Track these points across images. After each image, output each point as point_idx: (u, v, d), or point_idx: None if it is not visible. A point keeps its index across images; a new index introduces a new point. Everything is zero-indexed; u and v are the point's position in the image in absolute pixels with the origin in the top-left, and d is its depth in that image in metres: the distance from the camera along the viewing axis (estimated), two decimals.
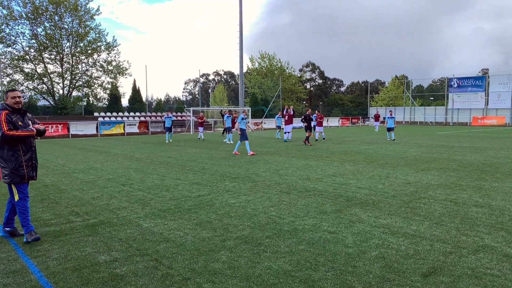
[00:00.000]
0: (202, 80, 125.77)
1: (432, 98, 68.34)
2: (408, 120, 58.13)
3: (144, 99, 44.14)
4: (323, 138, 22.72)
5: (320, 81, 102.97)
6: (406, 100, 60.44)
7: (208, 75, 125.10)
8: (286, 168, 11.40)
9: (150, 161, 13.51)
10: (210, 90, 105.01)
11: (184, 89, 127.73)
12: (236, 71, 68.31)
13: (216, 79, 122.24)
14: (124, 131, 31.66)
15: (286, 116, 22.05)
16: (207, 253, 4.52)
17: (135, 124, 32.72)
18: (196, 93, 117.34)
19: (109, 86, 42.06)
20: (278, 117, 26.45)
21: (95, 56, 40.99)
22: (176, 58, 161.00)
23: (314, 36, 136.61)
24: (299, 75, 75.71)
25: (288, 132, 22.21)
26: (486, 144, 19.45)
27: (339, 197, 7.42)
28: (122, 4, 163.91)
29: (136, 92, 43.74)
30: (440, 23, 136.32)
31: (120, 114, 38.41)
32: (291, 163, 12.42)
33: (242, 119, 15.61)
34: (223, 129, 29.49)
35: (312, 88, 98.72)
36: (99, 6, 46.10)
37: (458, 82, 53.39)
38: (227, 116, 22.24)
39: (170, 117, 23.59)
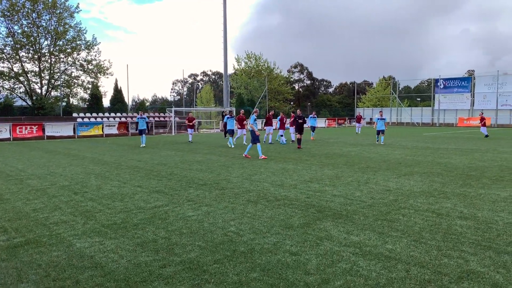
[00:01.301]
0: (190, 80, 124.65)
1: (419, 99, 68.43)
2: (395, 121, 57.99)
3: (126, 99, 42.95)
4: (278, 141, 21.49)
5: (308, 82, 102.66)
6: (393, 100, 60.31)
7: (196, 75, 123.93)
8: (260, 172, 10.64)
9: (117, 165, 12.61)
10: (198, 91, 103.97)
11: (172, 89, 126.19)
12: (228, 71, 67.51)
13: (204, 79, 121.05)
14: (103, 132, 30.55)
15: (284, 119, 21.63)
16: (137, 285, 3.70)
17: (115, 125, 31.62)
18: (184, 93, 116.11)
19: (90, 86, 40.78)
20: (311, 117, 25.11)
21: (75, 55, 39.68)
22: (165, 58, 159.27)
23: (303, 37, 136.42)
24: (286, 76, 75.09)
25: (282, 136, 21.38)
26: (472, 145, 18.99)
27: (311, 207, 6.66)
28: (112, 4, 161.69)
29: (118, 92, 42.55)
30: (428, 24, 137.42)
31: (101, 114, 37.22)
32: (267, 167, 11.66)
33: (255, 120, 14.36)
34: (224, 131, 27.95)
35: (300, 89, 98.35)
36: (78, 4, 44.67)
37: (444, 83, 53.43)
38: (227, 117, 19.80)
39: (144, 118, 20.52)
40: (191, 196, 7.67)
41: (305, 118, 19.11)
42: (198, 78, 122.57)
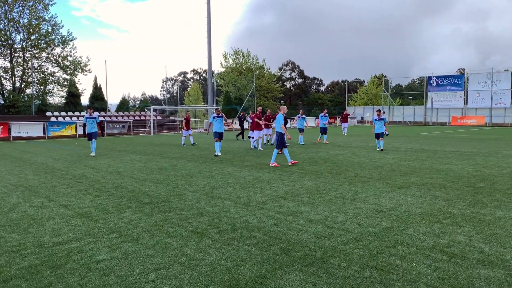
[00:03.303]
0: (180, 78, 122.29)
1: (411, 97, 67.17)
2: (387, 120, 56.53)
3: (106, 97, 40.77)
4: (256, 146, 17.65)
5: (300, 80, 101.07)
6: (385, 99, 58.85)
7: (186, 73, 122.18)
8: (227, 184, 8.81)
9: (63, 173, 10.69)
10: (188, 89, 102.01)
11: (161, 88, 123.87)
12: (216, 69, 65.73)
13: (195, 77, 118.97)
14: (76, 132, 28.47)
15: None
16: None
17: None
18: (175, 91, 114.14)
19: (66, 83, 38.45)
20: (322, 116, 21.53)
21: (49, 50, 37.31)
22: (157, 56, 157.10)
23: (296, 36, 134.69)
24: (278, 73, 73.29)
25: (253, 138, 18.45)
26: (471, 147, 17.35)
27: (275, 243, 4.85)
28: (104, 3, 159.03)
29: (97, 90, 40.43)
30: (420, 23, 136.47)
31: (77, 113, 35.06)
32: (238, 176, 9.84)
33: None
34: (239, 132, 24.46)
35: (292, 88, 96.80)
36: None
37: (437, 80, 52.06)
38: (213, 117, 15.32)
39: (94, 118, 15.41)
40: (121, 223, 5.81)
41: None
42: (189, 76, 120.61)
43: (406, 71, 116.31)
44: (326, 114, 22.05)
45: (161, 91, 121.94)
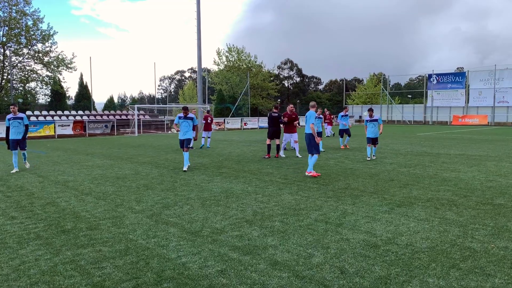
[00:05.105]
0: (177, 77, 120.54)
1: (410, 96, 65.46)
2: (386, 119, 54.78)
3: (93, 96, 39.00)
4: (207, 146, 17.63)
5: (298, 79, 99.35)
6: (383, 97, 57.13)
7: (184, 72, 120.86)
8: (186, 200, 7.11)
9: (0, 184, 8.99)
10: (184, 87, 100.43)
11: (159, 86, 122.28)
12: (211, 67, 64.19)
13: (193, 76, 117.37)
14: (55, 133, 26.74)
15: (209, 120, 18.18)
16: None
17: (69, 125, 27.80)
18: (172, 90, 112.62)
19: (51, 81, 36.56)
20: (342, 115, 17.58)
21: (30, 46, 35.39)
22: (156, 55, 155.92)
23: (294, 35, 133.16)
24: (274, 71, 71.50)
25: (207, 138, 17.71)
26: (478, 150, 15.66)
27: None
28: (104, 2, 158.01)
29: (83, 88, 38.69)
30: (419, 23, 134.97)
31: (59, 112, 33.31)
32: (204, 189, 8.15)
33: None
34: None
35: (290, 86, 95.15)
36: None
37: (437, 78, 50.35)
38: (179, 117, 11.16)
39: (22, 118, 10.96)
40: (5, 267, 4.10)
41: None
42: (187, 75, 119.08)
43: (405, 70, 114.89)
44: (347, 113, 17.95)
45: (158, 89, 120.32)
